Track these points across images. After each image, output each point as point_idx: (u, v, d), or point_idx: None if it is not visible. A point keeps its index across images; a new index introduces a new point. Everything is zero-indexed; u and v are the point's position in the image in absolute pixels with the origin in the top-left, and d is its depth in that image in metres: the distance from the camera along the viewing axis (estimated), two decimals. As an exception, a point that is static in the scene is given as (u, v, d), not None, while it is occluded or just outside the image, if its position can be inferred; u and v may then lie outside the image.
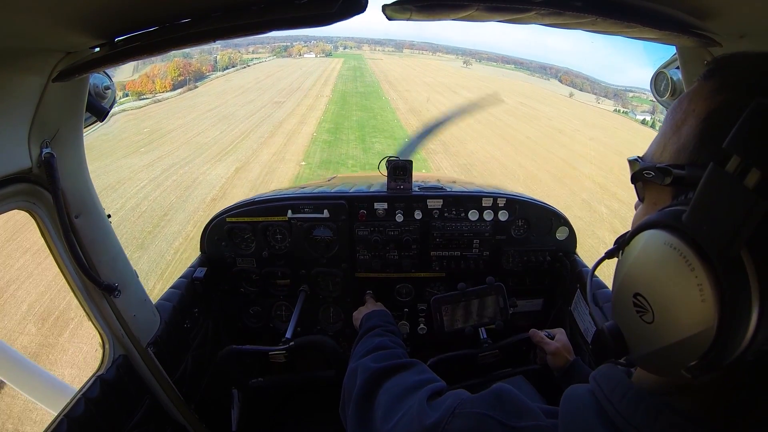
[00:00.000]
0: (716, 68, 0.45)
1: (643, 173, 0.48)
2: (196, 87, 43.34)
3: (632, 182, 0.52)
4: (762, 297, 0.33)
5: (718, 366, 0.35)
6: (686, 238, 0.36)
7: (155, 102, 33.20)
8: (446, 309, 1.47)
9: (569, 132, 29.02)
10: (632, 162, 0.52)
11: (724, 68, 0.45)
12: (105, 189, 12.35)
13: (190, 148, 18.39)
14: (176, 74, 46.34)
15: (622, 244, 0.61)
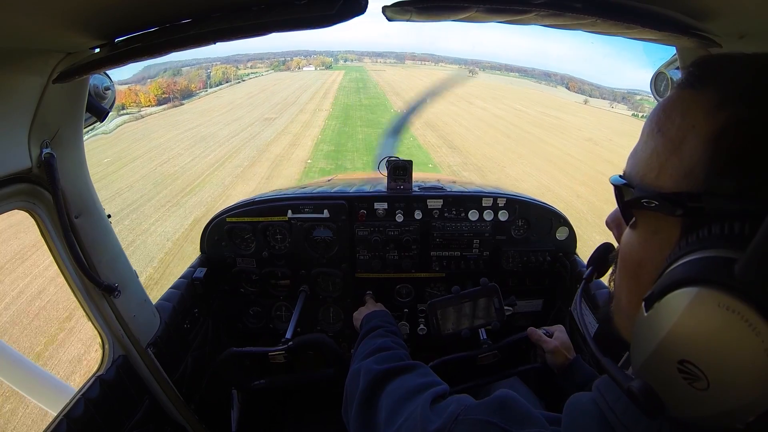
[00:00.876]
0: (703, 75, 0.42)
1: (641, 202, 0.43)
2: (182, 104, 39.99)
3: (623, 209, 0.47)
4: None
5: None
6: (746, 299, 0.31)
7: (136, 119, 30.52)
8: (442, 313, 1.46)
9: (605, 143, 25.44)
10: (620, 186, 0.46)
11: (717, 75, 0.41)
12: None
13: (146, 186, 14.10)
14: (159, 92, 43.99)
15: (600, 262, 0.60)
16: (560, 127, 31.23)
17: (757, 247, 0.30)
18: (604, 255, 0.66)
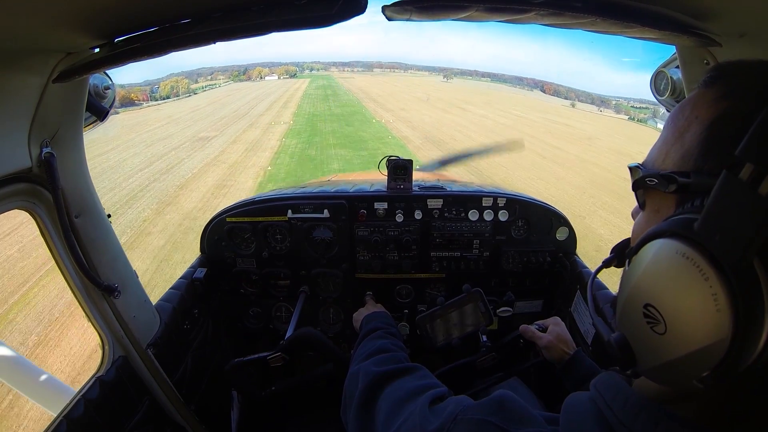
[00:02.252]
0: (718, 75, 0.45)
1: (645, 180, 0.47)
2: (116, 112, 33.39)
3: (633, 190, 0.51)
4: None
5: (731, 376, 0.35)
6: (700, 248, 0.36)
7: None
8: (431, 326, 1.48)
9: (640, 159, 21.77)
10: (633, 169, 0.52)
11: (727, 75, 0.45)
12: None
13: None
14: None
15: (621, 252, 0.60)
16: (581, 138, 26.19)
17: (709, 208, 0.36)
18: (627, 245, 0.66)
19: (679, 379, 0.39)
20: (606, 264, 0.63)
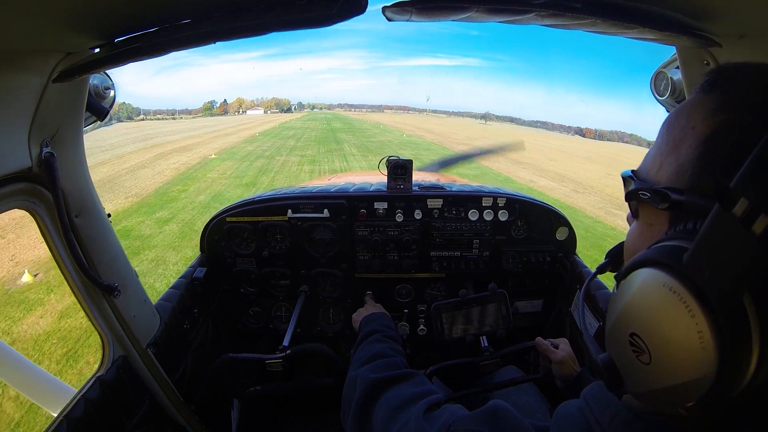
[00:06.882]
0: (716, 80, 0.44)
1: (638, 194, 0.46)
2: None
3: (626, 200, 0.51)
4: (762, 343, 0.32)
5: (716, 407, 0.35)
6: (687, 283, 0.35)
7: None
8: (447, 317, 1.43)
9: None
10: (626, 179, 0.50)
11: (725, 81, 0.43)
12: None
13: None
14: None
15: (615, 258, 0.60)
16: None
17: (699, 242, 0.35)
18: (621, 249, 0.66)
19: (665, 407, 0.39)
20: (600, 270, 0.63)
